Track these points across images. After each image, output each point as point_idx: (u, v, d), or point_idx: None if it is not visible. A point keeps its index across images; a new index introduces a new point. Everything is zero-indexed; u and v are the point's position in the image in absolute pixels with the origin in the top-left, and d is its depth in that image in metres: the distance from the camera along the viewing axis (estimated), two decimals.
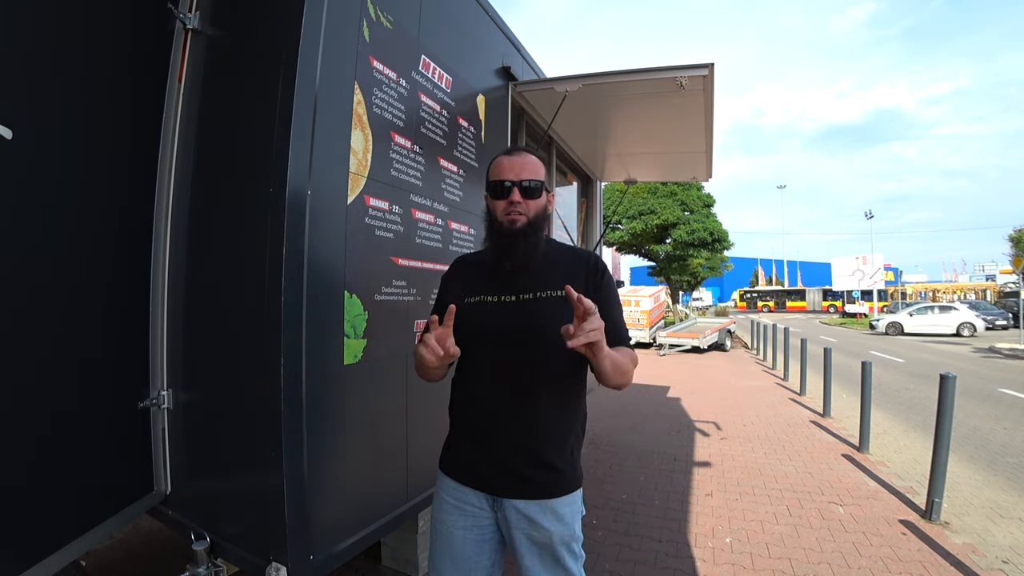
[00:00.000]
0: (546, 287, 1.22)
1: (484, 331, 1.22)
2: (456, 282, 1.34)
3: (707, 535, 2.91)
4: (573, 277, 1.19)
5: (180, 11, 1.73)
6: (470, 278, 1.32)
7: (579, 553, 1.23)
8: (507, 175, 1.23)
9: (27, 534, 1.33)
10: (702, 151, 4.01)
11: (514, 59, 2.91)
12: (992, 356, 12.44)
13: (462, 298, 1.27)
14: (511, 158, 1.26)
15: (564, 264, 1.27)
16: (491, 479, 1.20)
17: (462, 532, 1.23)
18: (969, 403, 6.61)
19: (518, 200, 1.22)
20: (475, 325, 1.23)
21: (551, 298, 1.20)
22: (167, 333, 1.75)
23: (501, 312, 1.23)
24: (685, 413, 6.09)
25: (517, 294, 1.23)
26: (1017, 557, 2.69)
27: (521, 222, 1.22)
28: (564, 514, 1.19)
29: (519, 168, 1.24)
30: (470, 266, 1.36)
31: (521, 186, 1.22)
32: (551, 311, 1.18)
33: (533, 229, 1.23)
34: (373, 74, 1.75)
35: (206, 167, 1.72)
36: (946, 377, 3.14)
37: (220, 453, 1.67)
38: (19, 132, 1.25)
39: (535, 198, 1.24)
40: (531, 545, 1.19)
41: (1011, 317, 21.09)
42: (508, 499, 1.19)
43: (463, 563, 1.22)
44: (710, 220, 21.89)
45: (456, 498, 1.25)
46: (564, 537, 1.19)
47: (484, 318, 1.23)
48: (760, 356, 12.26)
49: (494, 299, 1.24)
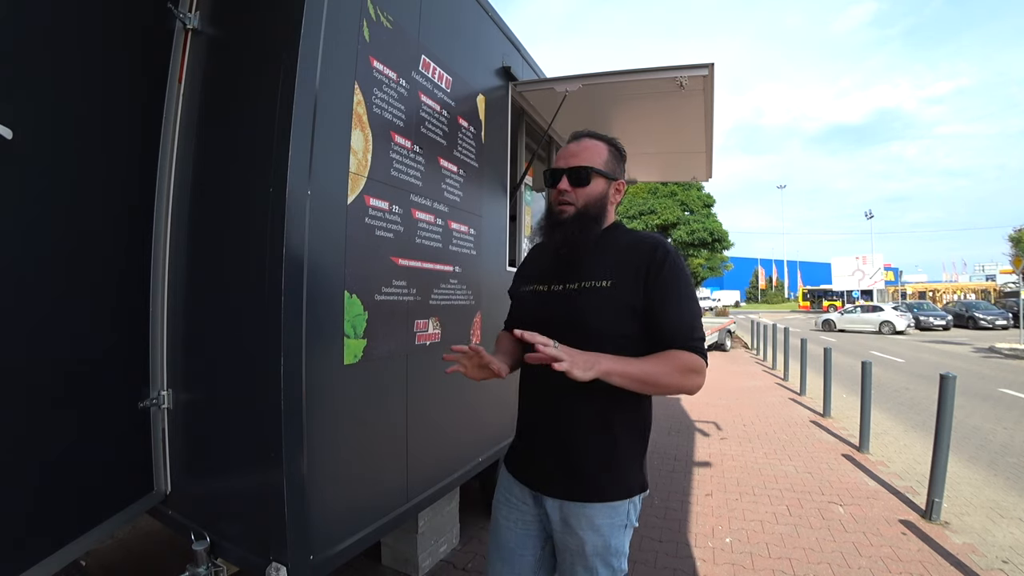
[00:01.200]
0: (593, 277, 1.15)
1: (531, 321, 1.15)
2: (523, 268, 1.37)
3: (707, 535, 2.91)
4: (626, 268, 1.13)
5: (180, 11, 1.73)
6: (534, 263, 1.33)
7: (618, 568, 1.15)
8: (559, 162, 1.21)
9: (27, 534, 1.33)
10: (702, 151, 4.01)
11: (514, 59, 2.91)
12: (992, 356, 12.44)
13: (520, 286, 1.31)
14: (569, 145, 1.23)
15: (621, 253, 1.17)
16: (533, 475, 1.21)
17: (507, 523, 1.25)
18: (969, 403, 6.61)
19: (566, 188, 1.19)
20: (525, 315, 1.24)
21: (595, 288, 1.13)
22: (167, 333, 1.75)
23: (548, 301, 1.20)
24: (685, 413, 6.09)
25: (564, 283, 1.19)
26: (1017, 557, 2.69)
27: (568, 212, 1.18)
28: (601, 525, 1.11)
29: (572, 154, 1.20)
30: (539, 250, 1.36)
31: (570, 174, 1.18)
32: (594, 303, 1.12)
33: (580, 219, 1.17)
34: (373, 74, 1.75)
35: (206, 167, 1.72)
36: (946, 377, 3.14)
37: (220, 453, 1.67)
38: (19, 132, 1.25)
39: (584, 185, 1.18)
40: (565, 550, 1.16)
41: (1011, 317, 21.15)
42: (545, 497, 1.18)
43: (507, 553, 1.24)
44: (710, 220, 21.91)
45: (507, 489, 1.27)
46: (598, 548, 1.12)
47: (533, 307, 1.23)
48: (760, 356, 12.25)
49: (544, 287, 1.22)
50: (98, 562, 2.43)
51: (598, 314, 1.10)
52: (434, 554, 2.49)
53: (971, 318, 22.18)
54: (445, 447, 2.25)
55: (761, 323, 13.05)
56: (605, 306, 1.11)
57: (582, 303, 1.14)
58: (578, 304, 1.14)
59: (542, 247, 1.34)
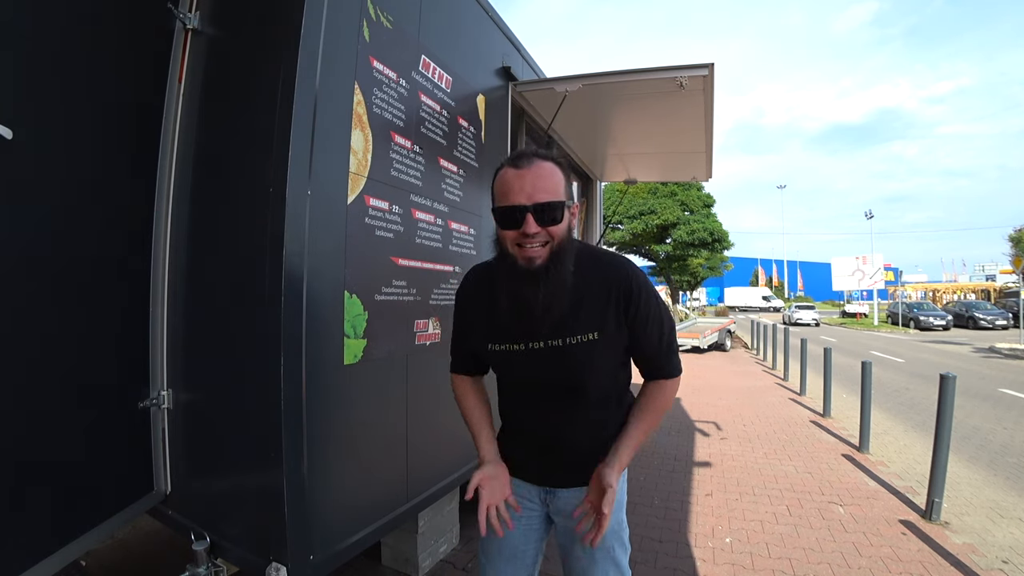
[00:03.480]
0: (576, 331, 1.04)
1: (516, 379, 1.17)
2: (475, 315, 1.17)
3: (707, 535, 2.91)
4: (604, 311, 1.05)
5: (180, 11, 1.73)
6: (488, 315, 1.12)
7: (627, 544, 1.23)
8: (517, 197, 0.95)
9: (27, 534, 1.33)
10: (702, 151, 4.01)
11: (514, 59, 2.91)
12: (992, 356, 12.44)
13: (485, 344, 1.15)
14: (519, 171, 0.97)
15: (595, 294, 1.06)
16: (540, 473, 1.23)
17: (512, 522, 1.23)
18: (969, 403, 6.61)
19: (535, 231, 0.95)
20: (505, 371, 1.20)
21: (582, 344, 1.05)
22: (167, 333, 1.75)
23: (531, 361, 1.09)
24: (685, 413, 6.08)
25: (545, 340, 1.06)
26: (1017, 557, 2.69)
27: (541, 258, 0.98)
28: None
29: (531, 185, 0.95)
30: (485, 296, 1.13)
31: (536, 211, 0.95)
32: (585, 358, 1.06)
33: (556, 263, 0.98)
34: (373, 74, 1.75)
35: (206, 167, 1.72)
36: (946, 377, 3.13)
37: (220, 453, 1.67)
38: (19, 132, 1.25)
39: (557, 222, 0.97)
40: (581, 536, 1.15)
41: (1011, 317, 21.16)
42: (558, 488, 1.21)
43: (510, 551, 1.24)
44: (710, 220, 21.92)
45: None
46: (613, 526, 1.17)
47: (513, 368, 1.14)
48: (760, 356, 12.25)
49: (521, 347, 1.09)
50: (98, 562, 2.42)
51: (590, 369, 1.08)
52: (434, 554, 2.49)
53: (971, 318, 22.21)
54: (445, 447, 2.25)
55: (761, 323, 13.05)
56: (597, 359, 1.07)
57: (572, 362, 1.06)
58: (569, 363, 1.07)
59: (483, 293, 1.14)
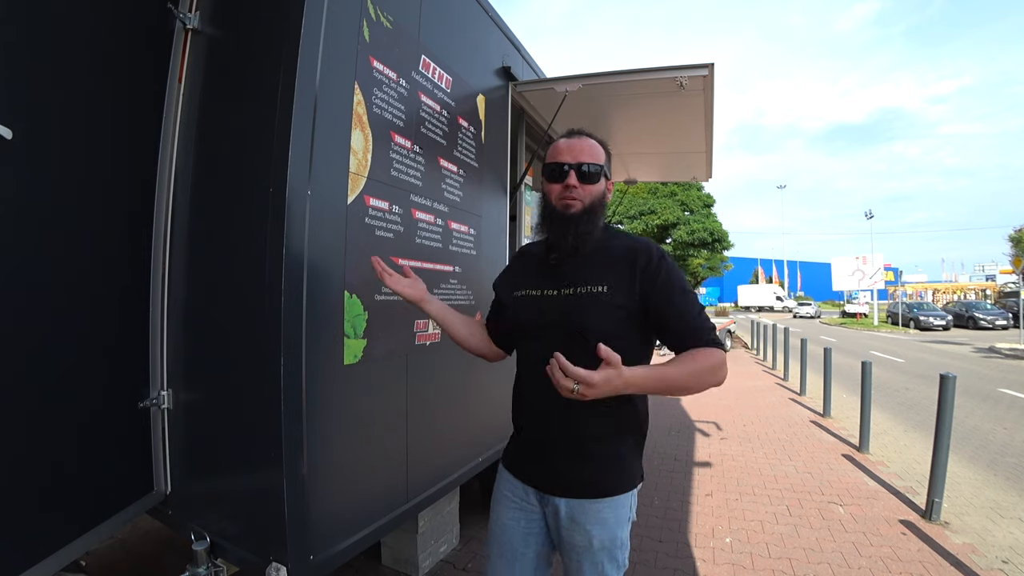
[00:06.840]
0: (588, 282, 1.14)
1: (526, 326, 1.21)
2: (510, 274, 1.34)
3: (707, 535, 2.91)
4: (620, 273, 1.13)
5: (180, 11, 1.73)
6: (523, 269, 1.30)
7: (622, 562, 1.18)
8: (564, 157, 1.17)
9: (27, 534, 1.33)
10: (702, 151, 4.01)
11: (514, 59, 2.91)
12: (992, 356, 12.44)
13: (511, 291, 1.27)
14: (570, 140, 1.20)
15: (613, 257, 1.16)
16: (538, 475, 1.21)
17: (511, 523, 1.24)
18: (969, 403, 6.61)
19: (574, 184, 1.15)
20: (520, 320, 1.23)
21: (591, 294, 1.13)
22: (167, 333, 1.75)
23: (542, 306, 1.18)
24: (685, 413, 6.08)
25: (559, 288, 1.17)
26: (1017, 557, 2.69)
27: (576, 208, 1.15)
28: (607, 518, 1.14)
29: (578, 151, 1.17)
30: (526, 256, 1.33)
31: (579, 170, 1.15)
32: (589, 308, 1.12)
33: (588, 216, 1.16)
34: (373, 74, 1.75)
35: (206, 167, 1.72)
36: (946, 377, 3.14)
37: (220, 453, 1.67)
38: (19, 132, 1.25)
39: (593, 183, 1.17)
40: (572, 547, 1.17)
41: (1011, 317, 21.16)
42: (552, 496, 1.19)
43: (509, 552, 1.24)
44: (710, 220, 21.92)
45: (509, 490, 1.27)
46: (605, 542, 1.14)
47: (528, 312, 1.21)
48: (760, 356, 12.25)
49: (537, 292, 1.21)
50: (98, 562, 2.43)
51: (595, 319, 1.10)
52: (434, 554, 2.49)
53: (971, 318, 22.22)
54: (445, 447, 2.25)
55: (761, 323, 13.05)
56: (602, 311, 1.11)
57: (579, 308, 1.13)
58: (575, 309, 1.13)
59: (527, 255, 1.34)
